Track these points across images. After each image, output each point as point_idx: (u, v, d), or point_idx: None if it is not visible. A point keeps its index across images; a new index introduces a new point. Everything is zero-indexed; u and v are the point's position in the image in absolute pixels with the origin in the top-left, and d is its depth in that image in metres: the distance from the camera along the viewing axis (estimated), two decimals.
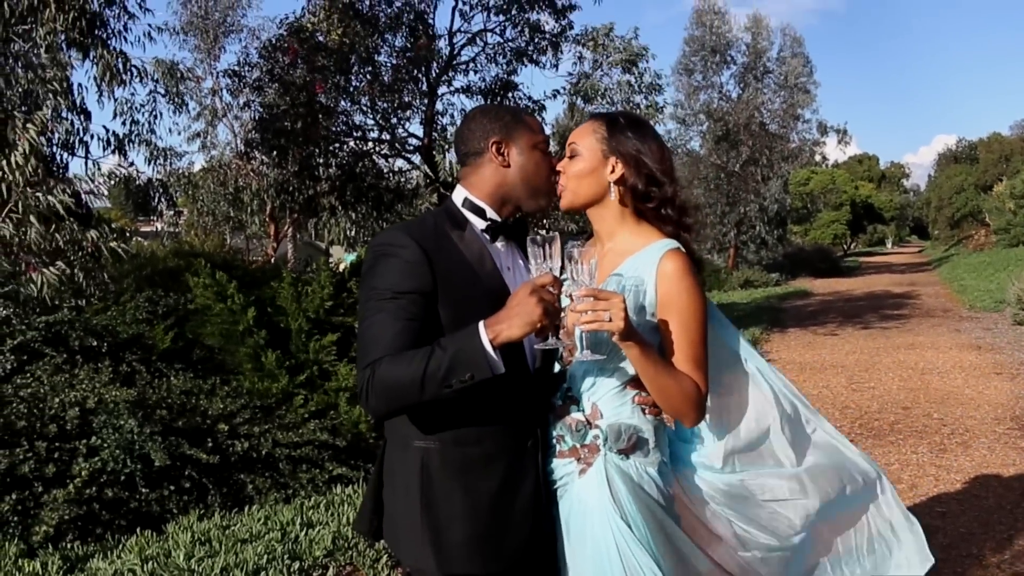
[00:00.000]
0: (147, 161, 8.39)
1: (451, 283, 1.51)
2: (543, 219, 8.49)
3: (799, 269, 25.32)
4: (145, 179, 7.70)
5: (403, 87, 9.02)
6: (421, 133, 9.47)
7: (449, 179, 9.64)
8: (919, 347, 9.08)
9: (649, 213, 1.65)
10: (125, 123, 7.87)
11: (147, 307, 5.10)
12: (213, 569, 2.94)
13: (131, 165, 7.30)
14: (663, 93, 9.92)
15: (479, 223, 1.61)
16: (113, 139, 6.88)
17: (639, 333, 1.48)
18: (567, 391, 1.63)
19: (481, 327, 1.41)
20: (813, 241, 38.25)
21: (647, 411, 1.61)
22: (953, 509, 3.84)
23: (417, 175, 10.17)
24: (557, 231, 1.56)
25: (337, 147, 9.23)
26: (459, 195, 1.64)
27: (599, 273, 1.57)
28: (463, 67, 9.42)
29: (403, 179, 10.24)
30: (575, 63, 9.63)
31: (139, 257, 7.09)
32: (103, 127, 6.70)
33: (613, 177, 1.63)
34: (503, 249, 1.64)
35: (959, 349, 8.78)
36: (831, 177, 44.34)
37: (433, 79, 9.20)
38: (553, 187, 1.67)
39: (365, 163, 9.43)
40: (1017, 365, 7.59)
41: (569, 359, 1.62)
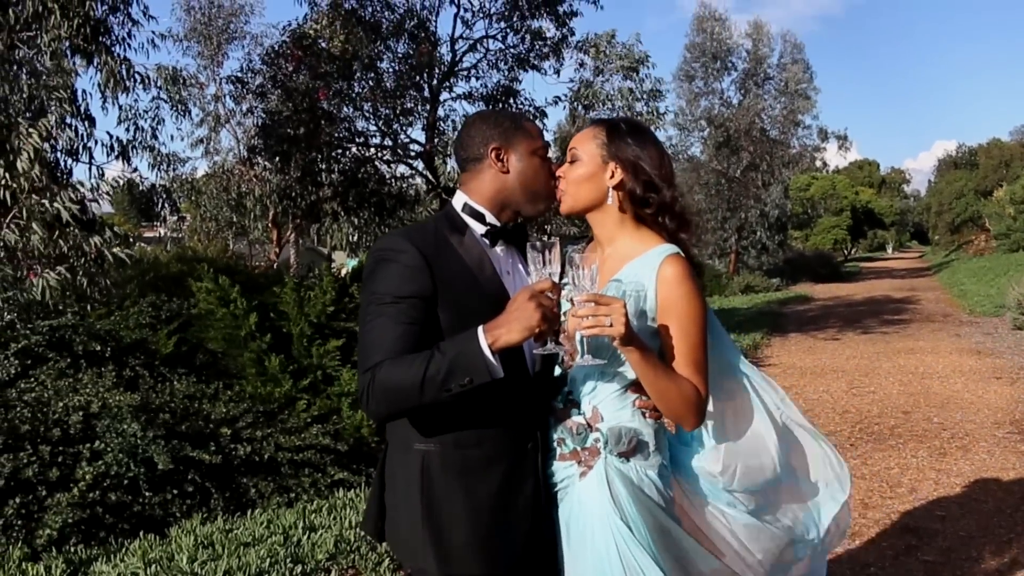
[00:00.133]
0: (150, 167, 8.40)
1: (451, 287, 1.52)
2: (544, 224, 8.51)
3: (800, 274, 25.33)
4: (148, 185, 7.71)
5: (405, 93, 9.04)
6: (423, 139, 9.49)
7: (450, 184, 9.65)
8: (919, 352, 9.08)
9: (648, 218, 1.66)
10: (129, 129, 7.90)
11: (150, 312, 5.11)
12: (216, 572, 2.95)
13: (135, 171, 7.31)
14: (664, 100, 9.94)
15: (479, 228, 1.62)
16: (117, 145, 6.89)
17: (640, 338, 1.49)
18: (568, 394, 1.64)
19: (480, 332, 1.41)
20: (814, 246, 38.31)
21: (647, 415, 1.61)
22: (953, 512, 3.85)
23: (419, 181, 10.20)
24: (557, 236, 1.58)
25: (339, 153, 9.25)
26: (459, 200, 1.65)
27: (599, 278, 1.57)
28: (465, 73, 9.45)
29: (405, 185, 10.26)
30: (577, 69, 9.67)
31: (142, 262, 7.12)
32: (107, 133, 6.70)
33: (612, 182, 1.63)
34: (503, 254, 1.64)
35: (959, 354, 8.78)
36: (831, 183, 44.40)
37: (435, 85, 9.23)
38: (552, 192, 1.67)
39: (367, 169, 9.45)
40: (1017, 369, 7.59)
41: (570, 363, 1.62)
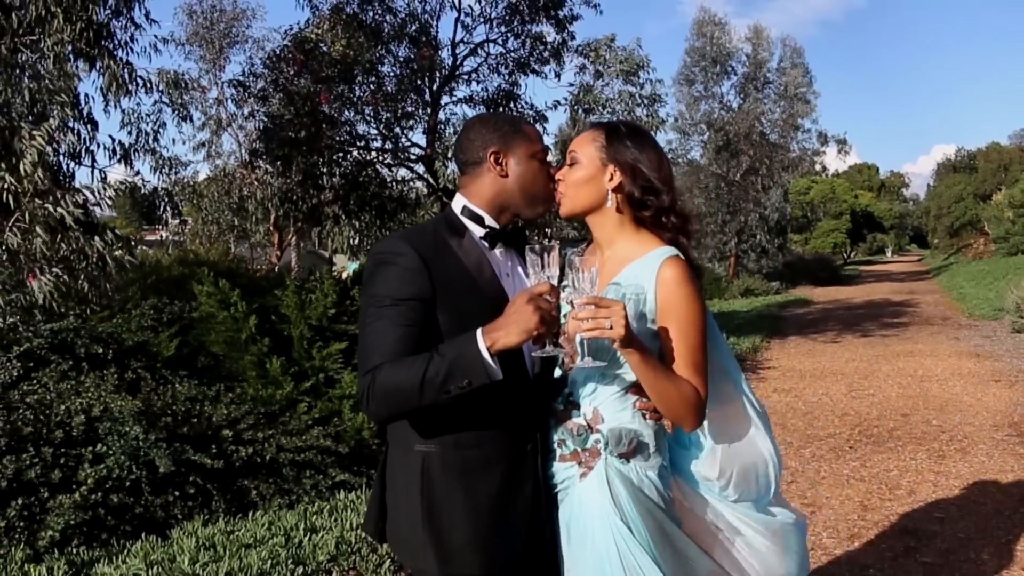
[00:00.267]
0: (152, 170, 8.41)
1: (450, 290, 1.53)
2: (545, 226, 8.52)
3: (799, 278, 25.35)
4: (150, 188, 7.72)
5: (406, 97, 9.06)
6: (424, 142, 9.52)
7: (451, 187, 9.67)
8: (918, 355, 9.09)
9: (647, 221, 1.66)
10: (131, 133, 7.93)
11: (152, 315, 5.13)
12: (217, 574, 2.96)
13: (137, 174, 7.33)
14: (665, 105, 9.97)
15: (478, 230, 1.63)
16: (119, 149, 6.91)
17: (639, 340, 1.49)
18: (568, 396, 1.64)
19: (478, 334, 1.42)
20: (813, 250, 38.30)
21: (648, 416, 1.62)
22: (952, 514, 3.86)
23: (420, 184, 10.22)
24: (557, 240, 1.59)
25: (341, 156, 9.26)
26: (458, 203, 1.66)
27: (599, 280, 1.57)
28: (465, 77, 9.48)
29: (406, 188, 10.28)
30: (577, 73, 9.70)
31: (144, 265, 7.13)
32: (109, 137, 6.72)
33: (611, 185, 1.64)
34: (502, 256, 1.65)
35: (958, 357, 8.79)
36: (831, 186, 44.43)
37: (436, 89, 9.26)
38: (551, 195, 1.68)
39: (368, 172, 9.47)
40: (1015, 372, 7.60)
41: (570, 365, 1.63)
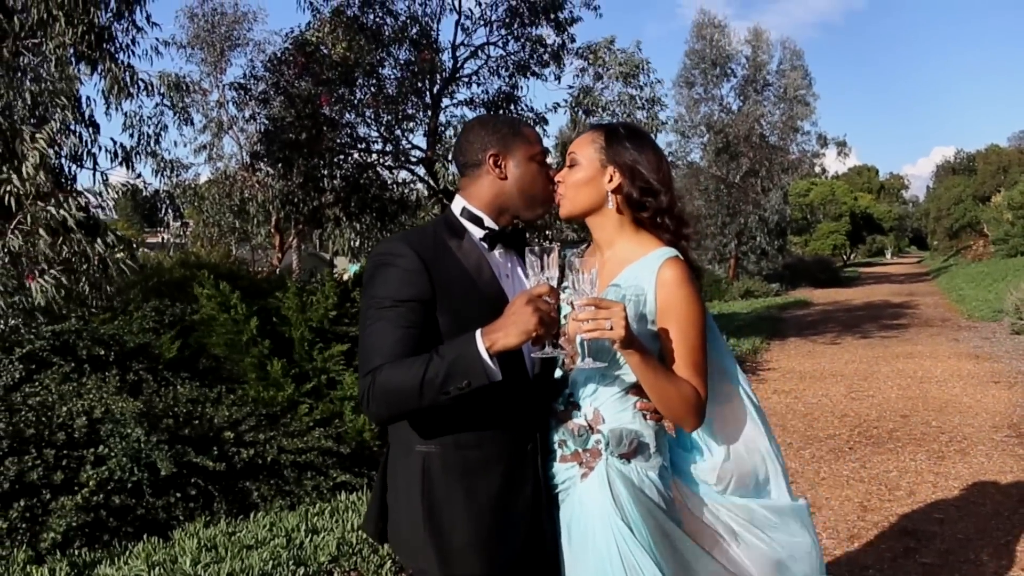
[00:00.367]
0: (154, 173, 8.46)
1: (449, 291, 1.53)
2: (545, 228, 8.54)
3: (799, 279, 25.37)
4: (152, 191, 7.74)
5: (407, 99, 9.08)
6: (424, 145, 9.54)
7: (451, 189, 9.69)
8: (918, 356, 9.10)
9: (647, 222, 1.67)
10: (132, 135, 7.95)
11: (154, 317, 5.15)
12: (219, 575, 2.97)
13: (138, 177, 7.34)
14: (665, 108, 9.99)
15: (477, 232, 1.63)
16: (121, 151, 6.92)
17: (640, 340, 1.50)
18: (569, 396, 1.65)
19: (478, 335, 1.42)
20: (813, 252, 38.35)
21: (648, 416, 1.63)
22: (951, 515, 3.87)
23: (420, 186, 10.24)
24: (557, 241, 1.61)
25: (341, 159, 9.28)
26: (458, 205, 1.66)
27: (599, 281, 1.58)
28: (466, 80, 9.50)
29: (406, 190, 10.30)
30: (577, 75, 9.72)
31: (146, 268, 7.15)
32: (111, 139, 6.75)
33: (611, 186, 1.65)
34: (501, 258, 1.66)
35: (957, 358, 8.80)
36: (831, 188, 44.50)
37: (436, 92, 9.28)
38: (550, 197, 1.68)
39: (369, 174, 9.49)
40: (1014, 374, 7.61)
41: (571, 365, 1.64)
